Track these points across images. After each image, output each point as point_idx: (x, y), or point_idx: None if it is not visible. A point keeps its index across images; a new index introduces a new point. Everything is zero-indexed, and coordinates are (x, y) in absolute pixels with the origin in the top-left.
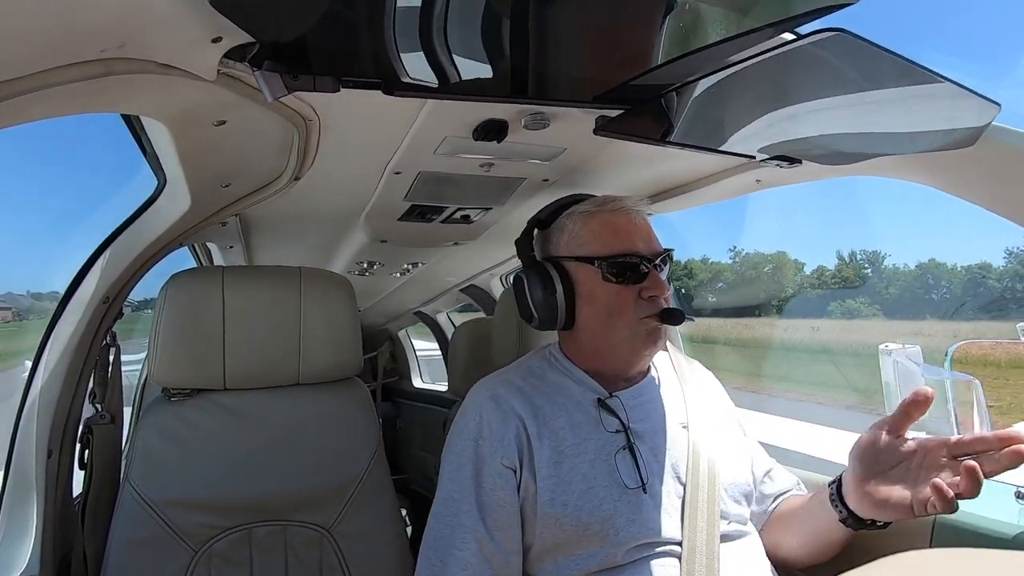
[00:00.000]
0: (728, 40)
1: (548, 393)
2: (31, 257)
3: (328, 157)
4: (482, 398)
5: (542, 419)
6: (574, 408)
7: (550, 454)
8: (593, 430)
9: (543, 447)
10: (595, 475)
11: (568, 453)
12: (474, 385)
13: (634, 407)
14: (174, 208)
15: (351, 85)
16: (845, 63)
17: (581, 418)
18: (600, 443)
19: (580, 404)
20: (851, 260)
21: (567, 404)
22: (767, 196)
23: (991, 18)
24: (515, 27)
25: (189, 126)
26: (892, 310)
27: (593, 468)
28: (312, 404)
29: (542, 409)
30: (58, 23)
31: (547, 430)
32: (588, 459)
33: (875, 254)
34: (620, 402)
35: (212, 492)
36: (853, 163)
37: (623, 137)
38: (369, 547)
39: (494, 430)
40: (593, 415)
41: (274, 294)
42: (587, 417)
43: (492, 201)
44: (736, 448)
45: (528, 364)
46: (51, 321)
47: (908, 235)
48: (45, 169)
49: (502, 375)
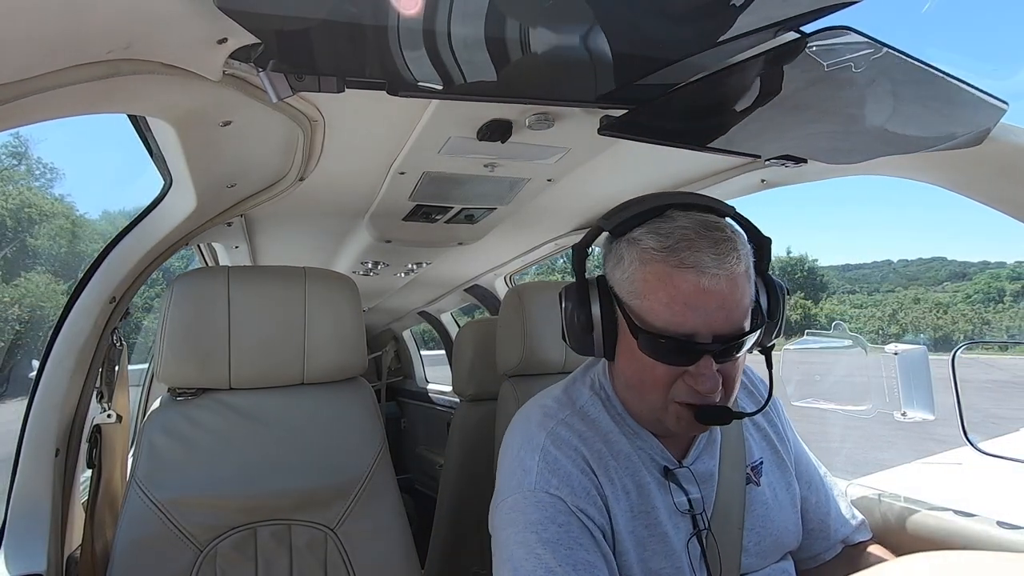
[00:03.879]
0: (733, 39)
1: (610, 456)
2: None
3: (333, 157)
4: (543, 442)
5: (610, 484)
6: (638, 477)
7: (624, 523)
8: (661, 516)
9: (618, 515)
10: (667, 572)
11: (637, 536)
12: (519, 430)
13: (704, 472)
14: (180, 208)
15: (355, 86)
16: (850, 61)
17: (645, 492)
18: (669, 533)
19: (642, 471)
20: None
21: (628, 478)
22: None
23: (999, 15)
24: (519, 27)
25: (195, 127)
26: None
27: (666, 560)
28: (317, 404)
29: (608, 472)
30: (65, 25)
31: (616, 497)
32: (661, 555)
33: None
34: (691, 474)
35: (217, 491)
36: (859, 162)
37: (627, 137)
38: (374, 546)
39: (573, 484)
40: (656, 488)
41: (279, 294)
42: (651, 491)
43: (496, 201)
44: (789, 495)
45: (579, 400)
46: (58, 321)
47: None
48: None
49: (553, 413)
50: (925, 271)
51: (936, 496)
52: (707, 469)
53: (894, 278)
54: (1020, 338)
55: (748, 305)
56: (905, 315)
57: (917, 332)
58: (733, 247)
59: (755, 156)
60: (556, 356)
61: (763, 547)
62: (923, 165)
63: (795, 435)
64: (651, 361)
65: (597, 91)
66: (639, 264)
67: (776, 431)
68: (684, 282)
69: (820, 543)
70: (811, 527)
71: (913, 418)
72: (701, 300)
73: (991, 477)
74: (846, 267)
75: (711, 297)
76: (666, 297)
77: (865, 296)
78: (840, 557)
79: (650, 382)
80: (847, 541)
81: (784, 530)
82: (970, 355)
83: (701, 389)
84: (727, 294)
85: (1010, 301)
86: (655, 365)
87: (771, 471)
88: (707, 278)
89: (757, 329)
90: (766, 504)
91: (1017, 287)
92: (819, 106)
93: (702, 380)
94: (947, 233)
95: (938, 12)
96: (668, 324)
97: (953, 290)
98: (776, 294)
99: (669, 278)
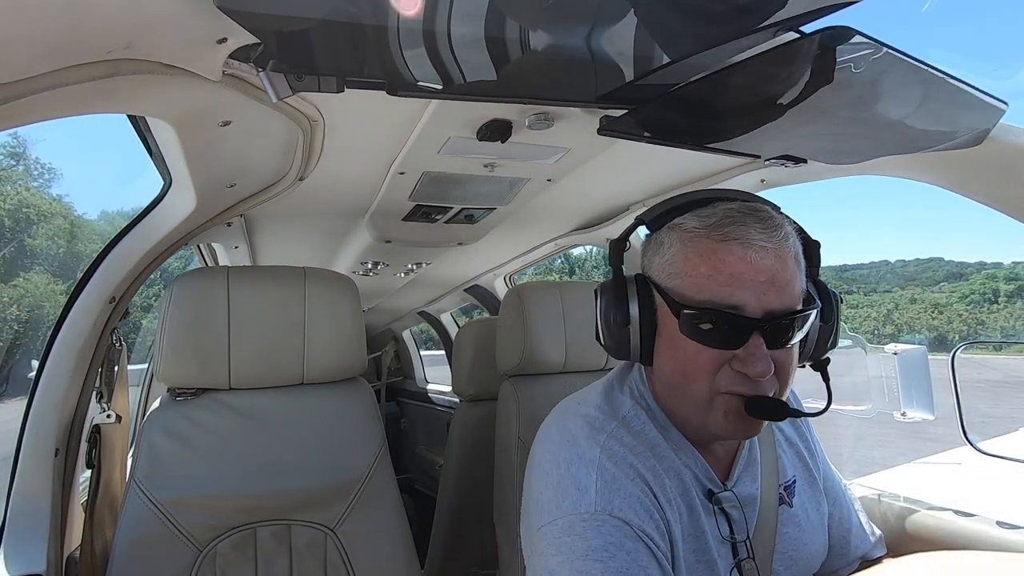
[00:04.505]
0: (732, 39)
1: (662, 471)
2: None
3: (332, 157)
4: (598, 457)
5: (668, 504)
6: (688, 497)
7: (681, 547)
8: (709, 540)
9: (677, 539)
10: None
11: (687, 562)
12: (561, 442)
13: (746, 496)
14: (180, 208)
15: (355, 85)
16: (850, 62)
17: (695, 514)
18: (715, 555)
19: (691, 491)
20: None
21: (679, 496)
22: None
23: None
24: (519, 27)
25: (195, 127)
26: None
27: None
28: (316, 404)
29: (665, 491)
30: (64, 25)
31: (674, 519)
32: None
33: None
34: (735, 498)
35: (217, 492)
36: (859, 162)
37: (627, 137)
38: (373, 547)
39: (636, 505)
40: (703, 511)
41: (279, 294)
42: (700, 514)
43: (496, 201)
44: (819, 515)
45: (621, 410)
46: (58, 320)
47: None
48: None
49: (600, 425)
50: (923, 271)
51: (933, 495)
52: (749, 492)
53: (891, 278)
54: (1018, 338)
55: (800, 290)
56: (900, 315)
57: (913, 332)
58: (782, 225)
59: (755, 156)
60: (556, 356)
61: (793, 572)
62: (922, 165)
63: (822, 450)
64: (694, 346)
65: (597, 91)
66: (680, 245)
67: (807, 446)
68: (730, 255)
69: (839, 559)
70: (832, 543)
71: (913, 418)
72: (749, 272)
73: (986, 477)
74: (843, 267)
75: (760, 271)
76: (710, 270)
77: (862, 296)
78: (857, 573)
79: (693, 372)
80: (866, 557)
81: (814, 554)
82: (966, 355)
83: (751, 373)
84: (777, 269)
85: (1005, 301)
86: (699, 350)
87: (803, 490)
88: (755, 251)
89: (811, 311)
90: (799, 527)
91: (1012, 288)
92: (819, 106)
93: (752, 362)
94: (945, 233)
95: (938, 12)
96: (713, 297)
97: (950, 290)
98: (830, 299)
99: (714, 253)
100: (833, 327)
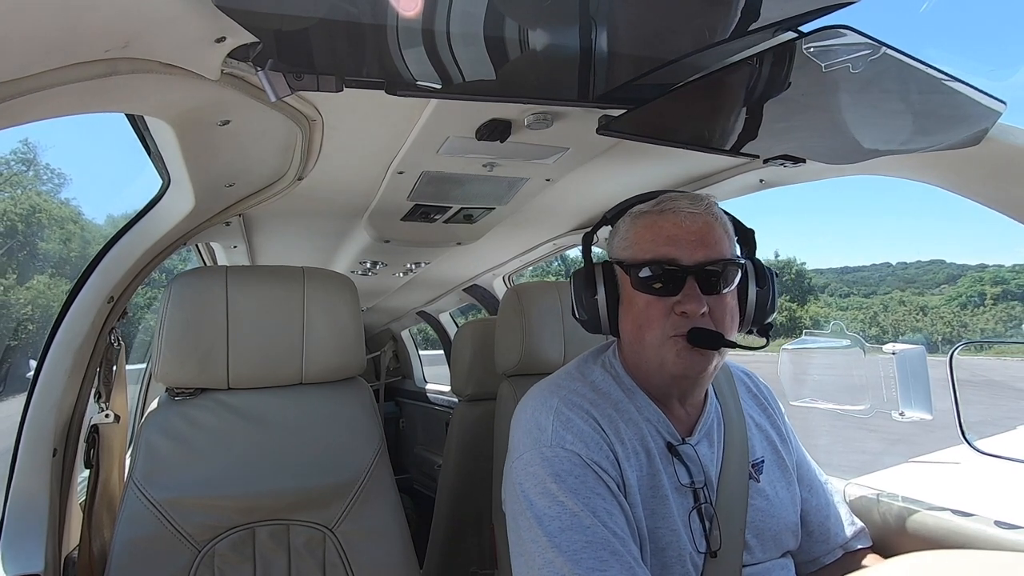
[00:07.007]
0: (731, 39)
1: (620, 420)
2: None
3: (331, 157)
4: (555, 404)
5: (620, 443)
6: (646, 443)
7: (635, 479)
8: (664, 482)
9: (628, 471)
10: (667, 538)
11: (644, 495)
12: (532, 396)
13: (706, 456)
14: (178, 208)
15: (354, 85)
16: (849, 61)
17: (652, 459)
18: (670, 501)
19: (649, 440)
20: None
21: (636, 441)
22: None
23: (997, 15)
24: (518, 26)
25: (193, 126)
26: None
27: (665, 523)
28: (315, 404)
29: (619, 433)
30: (62, 23)
31: (626, 455)
32: (662, 517)
33: None
34: (693, 451)
35: (215, 491)
36: (857, 162)
37: (626, 137)
38: (372, 546)
39: (587, 439)
40: (661, 459)
41: (277, 294)
42: (657, 460)
43: (495, 201)
44: (789, 494)
45: (590, 376)
46: (56, 320)
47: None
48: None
49: (564, 384)
50: (923, 273)
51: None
52: (708, 455)
53: (892, 281)
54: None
55: (728, 250)
56: (886, 318)
57: (897, 334)
58: (710, 202)
59: (754, 156)
60: (555, 356)
61: (762, 540)
62: (921, 165)
63: (797, 440)
64: (645, 299)
65: (596, 91)
66: (631, 222)
67: (779, 434)
68: (666, 222)
69: (820, 546)
70: (810, 529)
71: (911, 418)
72: (682, 234)
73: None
74: (844, 269)
75: (690, 232)
76: (652, 235)
77: (858, 299)
78: (839, 562)
79: (647, 322)
80: (847, 547)
81: (783, 528)
82: (936, 357)
83: (688, 310)
84: (705, 231)
85: (990, 304)
86: (648, 303)
87: (772, 470)
88: (684, 216)
89: (736, 265)
90: (767, 499)
91: (998, 291)
92: (817, 105)
93: (687, 302)
94: (946, 235)
95: (936, 12)
96: (655, 255)
97: (950, 294)
98: (766, 272)
99: (654, 223)
100: (769, 295)
